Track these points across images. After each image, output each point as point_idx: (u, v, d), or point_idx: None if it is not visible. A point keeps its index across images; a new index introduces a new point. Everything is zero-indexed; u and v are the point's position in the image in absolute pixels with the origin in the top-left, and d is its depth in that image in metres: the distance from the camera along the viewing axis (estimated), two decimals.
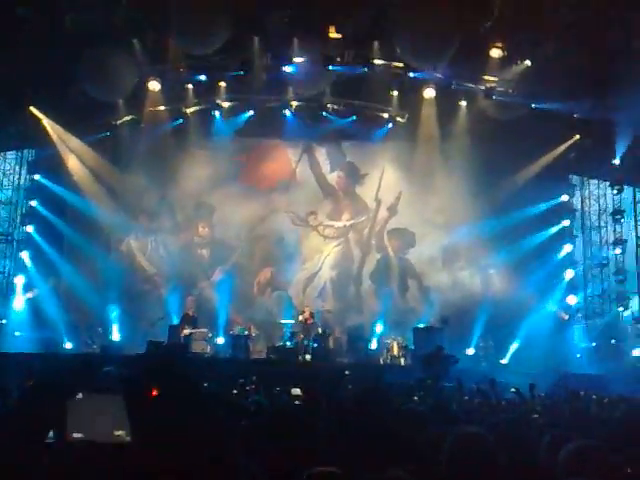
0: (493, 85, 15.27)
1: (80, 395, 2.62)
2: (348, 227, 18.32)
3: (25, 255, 17.10)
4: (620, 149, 15.48)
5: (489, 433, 3.73)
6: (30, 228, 17.19)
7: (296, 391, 6.05)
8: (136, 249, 18.24)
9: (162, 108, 16.89)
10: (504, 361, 15.97)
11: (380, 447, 3.50)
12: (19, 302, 16.91)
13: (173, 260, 17.98)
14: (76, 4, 13.15)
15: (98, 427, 2.61)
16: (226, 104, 16.94)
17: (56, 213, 17.21)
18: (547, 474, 3.49)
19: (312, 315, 16.02)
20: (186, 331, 15.42)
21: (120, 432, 2.60)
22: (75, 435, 2.59)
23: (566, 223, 17.18)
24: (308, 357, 14.84)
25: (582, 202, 17.57)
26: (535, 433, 4.27)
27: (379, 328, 16.73)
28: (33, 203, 17.30)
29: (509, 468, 3.29)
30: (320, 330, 15.92)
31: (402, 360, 15.42)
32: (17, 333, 16.43)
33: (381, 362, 15.63)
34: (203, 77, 15.78)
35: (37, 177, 17.39)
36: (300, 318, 16.02)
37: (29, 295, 16.86)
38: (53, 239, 17.18)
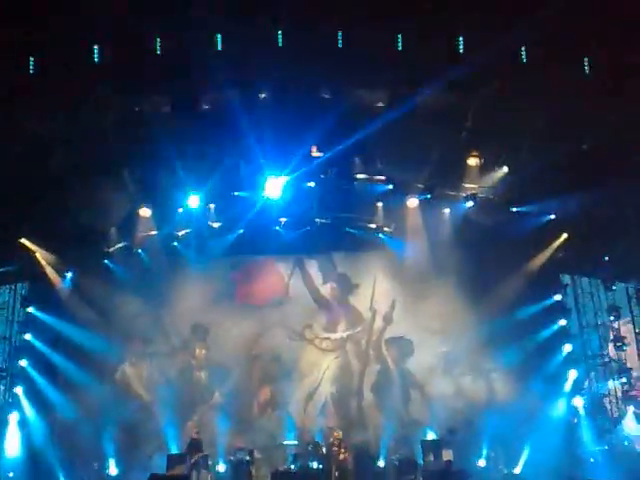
0: (474, 192, 15.63)
1: None
2: (345, 338, 18.15)
3: (19, 390, 16.78)
4: (610, 245, 15.63)
5: None
6: (24, 362, 16.98)
7: None
8: (131, 376, 17.94)
9: (154, 233, 17.16)
10: (517, 470, 15.36)
11: None
12: (14, 441, 16.41)
13: (170, 385, 17.65)
14: (63, 143, 13.65)
15: None
16: (216, 224, 17.20)
17: (50, 345, 17.10)
18: None
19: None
20: (195, 458, 14.87)
21: None
22: None
23: (563, 323, 17.00)
24: None
25: (576, 300, 17.48)
26: None
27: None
28: (27, 336, 17.21)
29: None
30: (324, 450, 15.41)
31: (413, 478, 14.79)
32: (10, 474, 15.83)
33: None
34: (193, 200, 16.14)
35: (30, 310, 17.41)
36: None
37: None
38: (47, 372, 16.98)
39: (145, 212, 16.45)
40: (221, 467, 15.89)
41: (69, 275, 17.59)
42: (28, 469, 15.77)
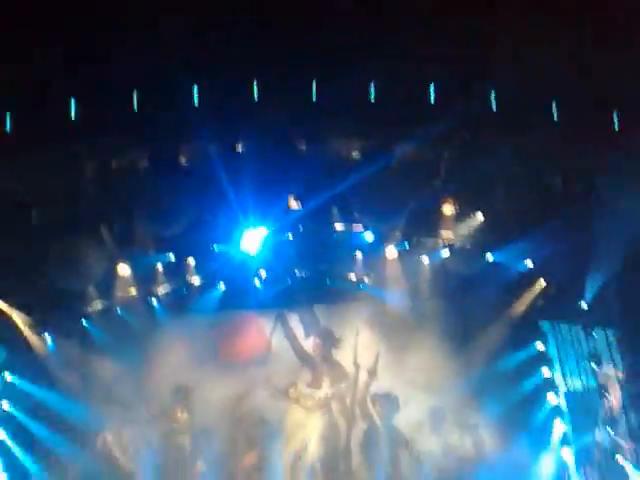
0: (451, 241, 15.83)
1: None
2: (330, 396, 17.75)
3: None
4: (587, 290, 15.71)
5: None
6: (2, 434, 16.35)
7: None
8: (113, 444, 17.28)
9: (133, 291, 17.06)
10: None
11: None
12: None
13: (153, 452, 17.04)
14: (39, 201, 13.76)
15: None
16: (196, 281, 17.16)
17: (28, 413, 16.50)
18: None
19: None
20: None
21: None
22: None
23: (546, 372, 16.76)
24: None
25: (557, 348, 17.30)
26: None
27: None
28: (5, 406, 16.60)
29: None
30: None
31: None
32: None
33: None
34: (172, 256, 16.12)
35: (9, 377, 16.95)
36: None
37: None
38: (26, 442, 16.33)
39: (123, 269, 16.38)
40: None
41: (48, 338, 17.30)
42: None
